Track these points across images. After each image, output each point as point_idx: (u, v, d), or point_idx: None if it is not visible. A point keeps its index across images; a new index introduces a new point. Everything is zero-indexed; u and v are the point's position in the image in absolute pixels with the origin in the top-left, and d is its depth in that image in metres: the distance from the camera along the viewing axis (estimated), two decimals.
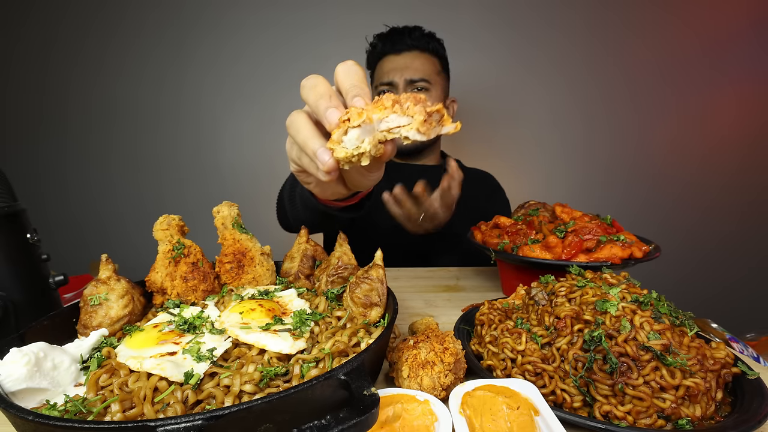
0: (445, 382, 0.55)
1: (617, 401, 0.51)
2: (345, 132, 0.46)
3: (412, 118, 0.45)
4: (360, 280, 0.65)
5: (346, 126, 0.46)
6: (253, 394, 0.48)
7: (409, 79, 1.54)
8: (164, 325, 0.60)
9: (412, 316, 0.92)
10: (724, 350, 0.54)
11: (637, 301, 0.57)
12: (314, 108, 0.50)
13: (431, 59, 1.60)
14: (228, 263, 0.76)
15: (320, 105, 0.49)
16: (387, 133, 0.46)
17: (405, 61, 1.57)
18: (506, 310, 0.72)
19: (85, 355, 0.55)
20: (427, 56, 1.59)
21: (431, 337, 0.60)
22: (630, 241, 0.85)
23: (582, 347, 0.55)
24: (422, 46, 1.58)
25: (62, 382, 0.49)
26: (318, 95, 0.50)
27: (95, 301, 0.62)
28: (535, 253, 0.87)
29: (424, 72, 1.56)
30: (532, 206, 1.07)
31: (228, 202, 0.80)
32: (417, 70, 1.55)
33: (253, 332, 0.56)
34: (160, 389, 0.47)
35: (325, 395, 0.43)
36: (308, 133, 0.51)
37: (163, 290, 0.70)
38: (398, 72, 1.56)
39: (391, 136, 0.47)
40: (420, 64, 1.57)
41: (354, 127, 0.46)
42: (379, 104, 0.46)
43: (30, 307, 0.68)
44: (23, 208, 0.70)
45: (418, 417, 0.49)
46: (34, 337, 0.54)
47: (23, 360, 0.45)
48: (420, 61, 1.57)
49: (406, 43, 1.57)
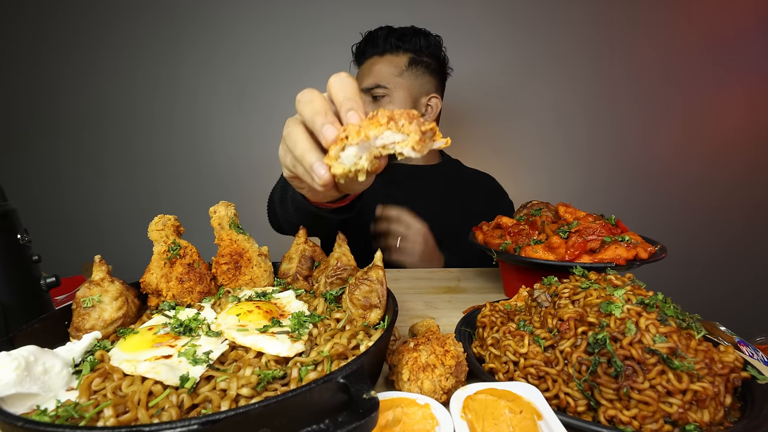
0: (446, 386, 0.54)
1: (622, 406, 0.50)
2: (342, 148, 0.49)
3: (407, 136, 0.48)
4: (359, 282, 0.64)
5: (344, 143, 0.48)
6: (251, 397, 0.47)
7: (364, 88, 1.53)
8: (159, 328, 0.59)
9: (412, 317, 0.91)
10: (732, 354, 0.53)
11: (643, 303, 0.56)
12: (311, 124, 0.52)
13: (393, 59, 1.55)
14: (225, 264, 0.75)
15: (317, 121, 0.51)
16: (382, 149, 0.49)
17: (363, 70, 1.59)
18: (508, 312, 0.71)
19: (77, 359, 0.53)
20: (388, 57, 1.55)
21: (432, 340, 0.59)
22: (635, 241, 0.84)
23: (586, 350, 0.54)
24: (382, 50, 1.55)
25: (53, 387, 0.47)
26: (314, 111, 0.52)
27: (88, 303, 0.61)
28: (538, 254, 0.86)
29: (376, 77, 1.53)
30: (534, 206, 1.06)
31: (225, 202, 0.79)
32: (370, 76, 1.54)
33: (251, 334, 0.55)
34: (155, 393, 0.46)
35: (324, 399, 0.42)
36: (305, 146, 0.53)
37: (158, 292, 0.69)
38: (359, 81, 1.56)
39: (386, 152, 0.49)
40: (376, 70, 1.54)
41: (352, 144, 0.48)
42: (374, 121, 0.48)
43: (20, 309, 0.67)
44: (13, 208, 0.69)
45: (419, 421, 0.48)
46: (25, 340, 0.53)
47: (12, 364, 0.44)
48: (377, 66, 1.55)
49: (367, 51, 1.58)
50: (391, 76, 1.53)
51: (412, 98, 1.57)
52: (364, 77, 1.56)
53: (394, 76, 1.53)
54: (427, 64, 1.59)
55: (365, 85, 1.54)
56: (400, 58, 1.55)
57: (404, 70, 1.55)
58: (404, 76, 1.55)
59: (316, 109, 0.52)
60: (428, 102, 1.62)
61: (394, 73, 1.54)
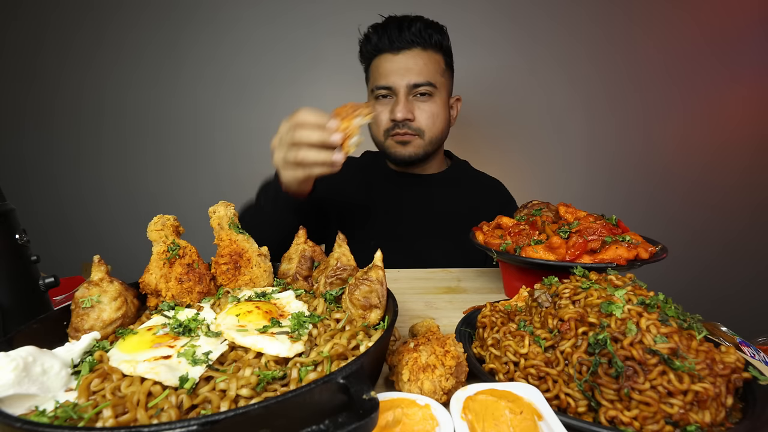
0: (446, 386, 0.54)
1: (623, 406, 0.50)
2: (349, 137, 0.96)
3: (363, 117, 0.96)
4: (359, 282, 0.64)
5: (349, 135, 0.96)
6: (250, 398, 0.46)
7: (412, 84, 1.38)
8: (158, 328, 0.59)
9: (412, 318, 0.90)
10: (734, 354, 0.53)
11: (644, 303, 0.56)
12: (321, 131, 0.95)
13: (435, 57, 1.42)
14: (224, 264, 0.75)
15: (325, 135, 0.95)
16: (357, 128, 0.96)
17: (405, 61, 1.39)
18: (509, 313, 0.71)
19: (76, 360, 0.53)
20: (431, 54, 1.41)
21: (432, 340, 0.59)
22: (636, 241, 0.84)
23: (587, 350, 0.54)
24: (424, 42, 1.39)
25: (52, 388, 0.47)
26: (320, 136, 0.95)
27: (87, 303, 0.60)
28: (539, 254, 0.86)
29: (428, 74, 1.39)
30: (535, 206, 1.06)
31: (224, 202, 0.79)
32: (420, 72, 1.38)
33: (250, 335, 0.55)
34: (154, 394, 0.46)
35: (324, 399, 0.42)
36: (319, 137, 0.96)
37: (157, 292, 0.69)
38: (398, 75, 1.39)
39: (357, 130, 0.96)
40: (423, 64, 1.39)
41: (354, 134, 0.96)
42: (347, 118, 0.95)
43: (19, 310, 0.67)
44: (12, 207, 0.69)
45: (419, 422, 0.48)
46: (23, 341, 0.52)
47: (11, 365, 0.44)
48: (423, 60, 1.39)
49: (406, 39, 1.38)
50: (437, 74, 1.42)
51: (447, 100, 1.51)
52: (406, 72, 1.39)
53: (439, 75, 1.43)
54: (450, 65, 1.52)
55: (413, 81, 1.38)
56: (438, 56, 1.44)
57: (444, 70, 1.47)
58: (445, 76, 1.48)
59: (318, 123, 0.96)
60: (452, 104, 1.57)
61: (439, 72, 1.43)
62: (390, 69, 1.40)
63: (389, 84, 1.40)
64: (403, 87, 1.39)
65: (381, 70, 1.43)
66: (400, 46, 1.39)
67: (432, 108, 1.42)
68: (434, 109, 1.43)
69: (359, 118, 0.96)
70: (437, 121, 1.45)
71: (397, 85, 1.39)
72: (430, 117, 1.42)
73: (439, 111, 1.44)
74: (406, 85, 1.38)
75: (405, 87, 1.39)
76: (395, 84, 1.39)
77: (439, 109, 1.44)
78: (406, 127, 1.42)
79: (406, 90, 1.39)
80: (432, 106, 1.42)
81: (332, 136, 0.94)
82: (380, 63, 1.44)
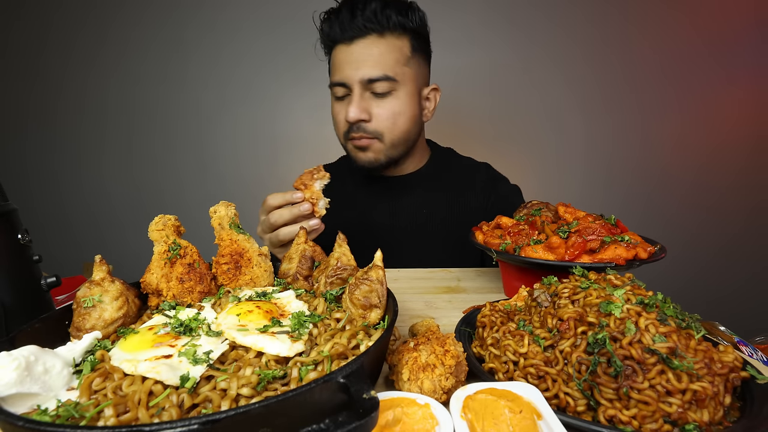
0: (446, 386, 0.54)
1: (622, 405, 0.50)
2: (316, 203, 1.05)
3: (321, 179, 1.05)
4: (359, 282, 0.64)
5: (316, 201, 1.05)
6: (251, 397, 0.47)
7: (366, 79, 1.20)
8: (160, 328, 0.59)
9: (412, 317, 0.91)
10: (732, 353, 0.53)
11: (642, 302, 0.56)
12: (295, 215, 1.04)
13: (396, 43, 1.22)
14: (225, 264, 0.75)
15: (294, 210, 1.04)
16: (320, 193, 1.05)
17: (359, 52, 1.21)
18: (508, 312, 0.71)
19: (77, 359, 0.53)
20: (390, 40, 1.21)
21: (432, 340, 0.59)
22: (635, 241, 0.84)
23: (586, 350, 0.54)
24: (381, 27, 1.19)
25: (54, 387, 0.47)
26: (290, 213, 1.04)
27: (89, 303, 0.61)
28: (538, 254, 0.86)
29: (384, 66, 1.20)
30: (534, 206, 1.06)
31: (225, 202, 0.79)
32: (376, 64, 1.20)
33: (251, 334, 0.55)
34: (155, 393, 0.46)
35: (324, 399, 0.42)
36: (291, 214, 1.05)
37: (158, 292, 0.69)
38: (352, 69, 1.21)
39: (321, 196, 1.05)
40: (379, 54, 1.20)
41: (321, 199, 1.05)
42: (309, 187, 1.04)
43: (21, 309, 0.67)
44: (14, 207, 0.69)
45: (419, 421, 0.48)
46: (25, 340, 0.53)
47: (13, 364, 0.44)
48: (379, 50, 1.20)
49: (358, 25, 1.19)
50: (398, 65, 1.22)
51: (417, 92, 1.30)
52: (359, 65, 1.20)
53: (401, 65, 1.23)
54: (423, 49, 1.32)
55: (365, 76, 1.20)
56: (402, 41, 1.23)
57: (409, 58, 1.25)
58: (411, 64, 1.26)
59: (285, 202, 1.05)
60: (428, 95, 1.36)
61: (401, 61, 1.23)
62: (343, 62, 1.24)
63: (342, 80, 1.24)
64: (356, 83, 1.22)
65: (335, 64, 1.28)
66: (353, 34, 1.21)
67: (393, 105, 1.24)
68: (396, 106, 1.25)
69: (318, 182, 1.04)
70: (400, 120, 1.27)
71: (351, 80, 1.22)
72: (390, 117, 1.25)
73: (402, 108, 1.26)
74: (359, 80, 1.21)
75: (359, 83, 1.22)
76: (348, 79, 1.23)
77: (402, 106, 1.25)
78: (361, 130, 1.26)
79: (361, 86, 1.22)
80: (393, 103, 1.24)
81: (301, 208, 1.03)
82: (335, 55, 1.28)
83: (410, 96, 1.27)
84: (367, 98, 1.24)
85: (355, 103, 1.22)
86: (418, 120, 1.34)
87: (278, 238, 1.07)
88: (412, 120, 1.30)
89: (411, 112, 1.29)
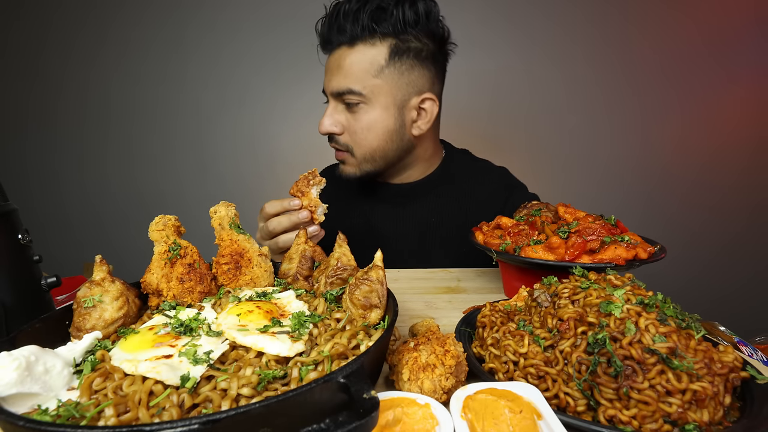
0: (446, 386, 0.54)
1: (622, 405, 0.50)
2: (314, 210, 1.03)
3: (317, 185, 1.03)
4: (359, 282, 0.64)
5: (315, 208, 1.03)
6: (251, 397, 0.47)
7: (335, 92, 1.18)
8: (160, 328, 0.59)
9: (412, 317, 0.91)
10: (732, 354, 0.53)
11: (642, 302, 0.56)
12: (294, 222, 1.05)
13: (368, 53, 1.14)
14: (225, 264, 0.75)
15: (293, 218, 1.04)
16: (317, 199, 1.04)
17: (331, 62, 1.19)
18: (508, 312, 0.71)
19: (78, 359, 0.53)
20: (360, 49, 1.14)
21: (432, 340, 0.59)
22: (635, 241, 0.85)
23: (586, 350, 0.54)
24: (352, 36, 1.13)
25: (54, 387, 0.47)
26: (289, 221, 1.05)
27: (89, 303, 0.61)
28: (538, 254, 0.86)
29: (351, 79, 1.14)
30: (534, 206, 1.06)
31: (225, 202, 0.79)
32: (343, 76, 1.15)
33: (251, 334, 0.55)
34: (156, 393, 0.46)
35: (324, 399, 0.42)
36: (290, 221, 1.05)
37: (158, 292, 0.69)
38: (326, 78, 1.21)
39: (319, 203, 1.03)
40: (347, 66, 1.14)
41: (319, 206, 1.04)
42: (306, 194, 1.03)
43: (21, 309, 0.67)
44: (14, 207, 0.69)
45: (419, 421, 0.48)
46: (25, 340, 0.53)
47: (13, 364, 0.44)
48: (347, 61, 1.14)
49: (332, 36, 1.17)
50: (367, 77, 1.14)
51: (396, 105, 1.19)
52: (331, 76, 1.18)
53: (370, 77, 1.14)
54: (417, 51, 1.16)
55: (334, 89, 1.18)
56: (377, 47, 1.14)
57: (384, 67, 1.14)
58: (384, 75, 1.15)
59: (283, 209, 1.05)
60: (420, 105, 1.22)
61: (370, 72, 1.14)
62: (325, 71, 1.23)
63: (323, 89, 1.25)
64: (329, 94, 1.20)
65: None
66: (331, 46, 1.19)
67: (365, 118, 1.18)
68: (366, 120, 1.18)
69: (315, 188, 1.03)
70: (370, 135, 1.19)
71: (327, 90, 1.22)
72: (359, 131, 1.19)
73: (373, 122, 1.18)
74: (330, 92, 1.20)
75: (330, 94, 1.20)
76: (326, 90, 1.23)
77: (373, 120, 1.18)
78: (334, 142, 1.25)
79: (333, 98, 1.20)
80: (365, 116, 1.18)
81: (299, 215, 1.03)
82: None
83: (384, 109, 1.18)
84: (341, 110, 1.21)
85: (327, 115, 1.21)
86: (398, 134, 1.23)
87: (277, 245, 1.09)
88: (388, 135, 1.21)
89: (385, 126, 1.19)
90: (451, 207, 1.39)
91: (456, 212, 1.38)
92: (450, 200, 1.39)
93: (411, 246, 1.40)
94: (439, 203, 1.39)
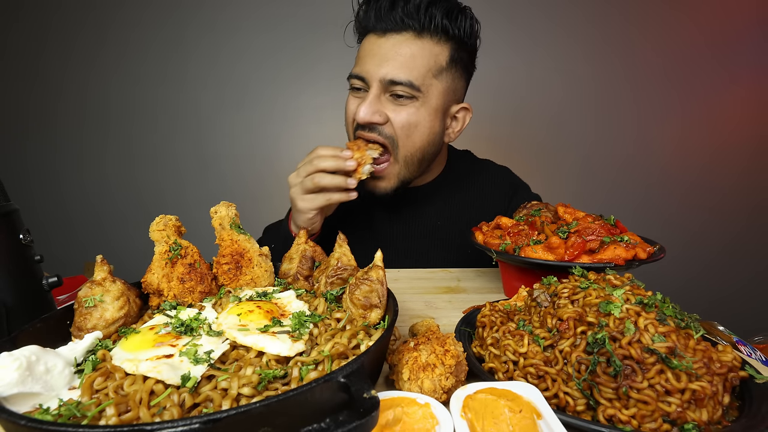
0: (446, 385, 0.54)
1: (621, 405, 0.50)
2: (361, 165, 1.08)
3: (373, 150, 1.10)
4: (360, 282, 0.64)
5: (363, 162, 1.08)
6: (251, 397, 0.47)
7: (388, 80, 1.07)
8: (161, 327, 0.59)
9: (412, 317, 0.91)
10: (731, 353, 0.53)
11: (642, 302, 0.56)
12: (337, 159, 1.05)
13: (433, 48, 1.08)
14: (226, 264, 0.75)
15: (340, 162, 1.05)
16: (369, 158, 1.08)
17: (388, 48, 1.07)
18: (508, 312, 0.71)
19: (79, 358, 0.54)
20: (426, 43, 1.07)
21: (432, 339, 0.59)
22: (634, 242, 0.85)
23: (585, 350, 0.54)
24: (421, 26, 1.06)
25: (56, 386, 0.48)
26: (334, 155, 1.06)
27: (90, 302, 0.61)
28: (538, 254, 0.87)
29: (412, 71, 1.06)
30: (534, 206, 1.06)
31: (226, 203, 0.79)
32: (402, 66, 1.06)
33: (251, 334, 0.56)
34: (157, 392, 0.46)
35: (325, 398, 0.42)
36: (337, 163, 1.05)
37: (159, 292, 0.69)
38: (374, 63, 1.08)
39: (370, 160, 1.08)
40: (409, 56, 1.06)
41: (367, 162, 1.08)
42: (360, 149, 1.08)
43: (22, 309, 0.67)
44: (15, 207, 0.69)
45: (419, 420, 0.49)
46: (26, 340, 0.53)
47: (14, 364, 0.44)
48: (411, 50, 1.06)
49: (396, 17, 1.06)
50: (428, 74, 1.08)
51: (443, 109, 1.16)
52: (383, 62, 1.07)
53: (430, 75, 1.09)
54: (463, 61, 1.15)
55: (387, 77, 1.07)
56: (441, 47, 1.09)
57: (443, 69, 1.11)
58: (442, 77, 1.11)
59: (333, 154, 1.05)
60: (456, 113, 1.21)
61: (432, 71, 1.08)
62: (369, 54, 1.11)
63: (362, 73, 1.11)
64: (376, 80, 1.09)
65: (360, 54, 1.15)
66: (387, 26, 1.08)
67: (411, 115, 1.11)
68: (416, 117, 1.11)
69: (371, 151, 1.09)
70: (415, 133, 1.13)
71: (371, 76, 1.09)
72: (408, 125, 1.11)
73: (420, 121, 1.12)
74: (380, 78, 1.08)
75: (378, 81, 1.08)
76: (368, 74, 1.10)
77: (421, 119, 1.12)
78: (376, 131, 1.12)
79: (380, 85, 1.09)
80: (411, 113, 1.10)
81: (347, 162, 1.05)
82: (363, 45, 1.15)
83: (433, 111, 1.13)
84: (384, 101, 1.11)
85: (369, 103, 1.09)
86: (438, 139, 1.19)
87: (313, 181, 1.06)
88: (430, 137, 1.16)
89: (430, 128, 1.14)
90: (456, 209, 1.39)
91: (461, 214, 1.38)
92: (455, 202, 1.39)
93: (412, 246, 1.40)
94: (444, 206, 1.39)
